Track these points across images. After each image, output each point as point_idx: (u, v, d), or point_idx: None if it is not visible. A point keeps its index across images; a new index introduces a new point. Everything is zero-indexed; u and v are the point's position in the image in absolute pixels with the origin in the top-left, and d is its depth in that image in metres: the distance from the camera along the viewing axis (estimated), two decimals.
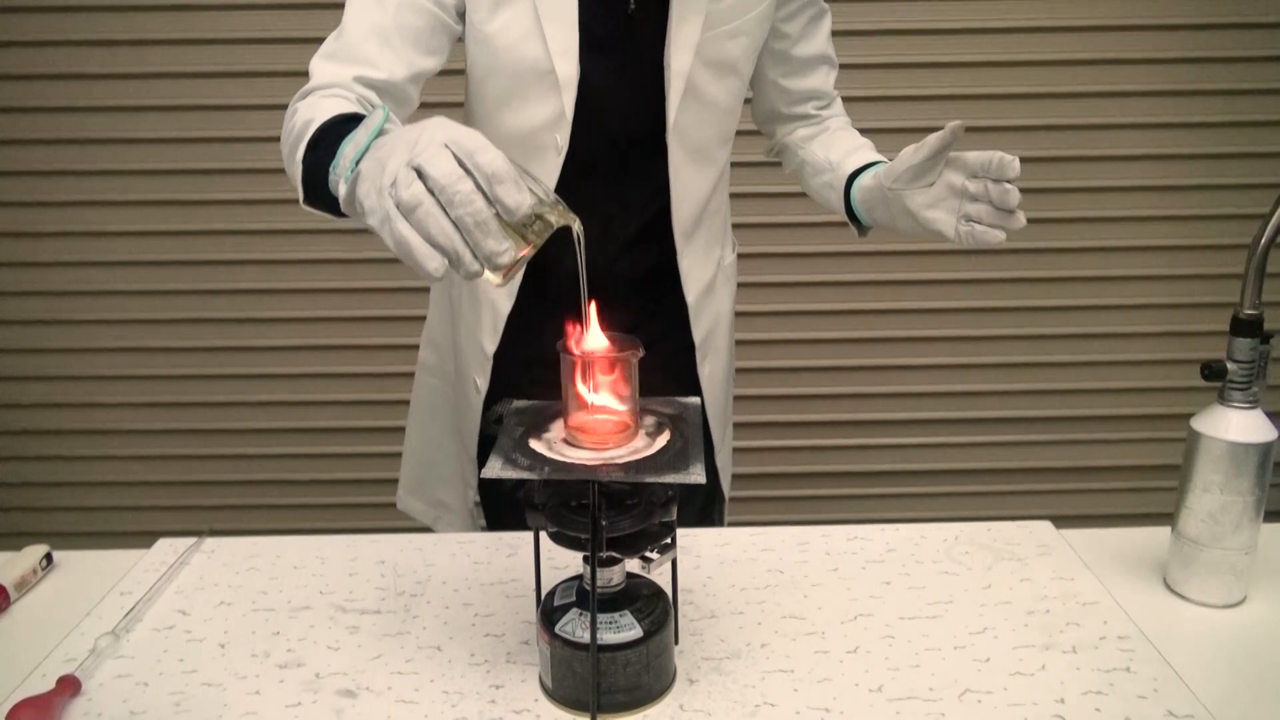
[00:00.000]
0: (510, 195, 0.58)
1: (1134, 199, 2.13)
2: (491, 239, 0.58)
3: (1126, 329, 2.20)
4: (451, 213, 0.58)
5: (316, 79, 0.87)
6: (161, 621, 0.83)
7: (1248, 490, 0.81)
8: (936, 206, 0.87)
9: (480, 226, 0.58)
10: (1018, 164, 0.81)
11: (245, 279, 2.14)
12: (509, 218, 0.59)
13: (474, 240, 0.58)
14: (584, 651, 0.69)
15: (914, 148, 0.87)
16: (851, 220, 1.03)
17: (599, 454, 0.68)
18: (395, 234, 0.58)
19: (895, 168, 0.90)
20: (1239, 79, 2.06)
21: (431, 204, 0.58)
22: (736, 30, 0.98)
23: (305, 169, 0.78)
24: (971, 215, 0.85)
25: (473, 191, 0.57)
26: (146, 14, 1.99)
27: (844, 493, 2.28)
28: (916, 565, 0.91)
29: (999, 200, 0.82)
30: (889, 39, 2.04)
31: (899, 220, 0.93)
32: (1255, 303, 0.80)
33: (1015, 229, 0.84)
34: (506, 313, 1.06)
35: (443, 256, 0.58)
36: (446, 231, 0.58)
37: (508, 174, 0.58)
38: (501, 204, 0.58)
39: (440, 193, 0.57)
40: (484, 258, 0.59)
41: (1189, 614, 0.84)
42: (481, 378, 1.09)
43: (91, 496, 2.26)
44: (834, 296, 2.17)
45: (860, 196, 0.98)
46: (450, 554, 0.94)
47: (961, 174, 0.85)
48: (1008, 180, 0.81)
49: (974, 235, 0.85)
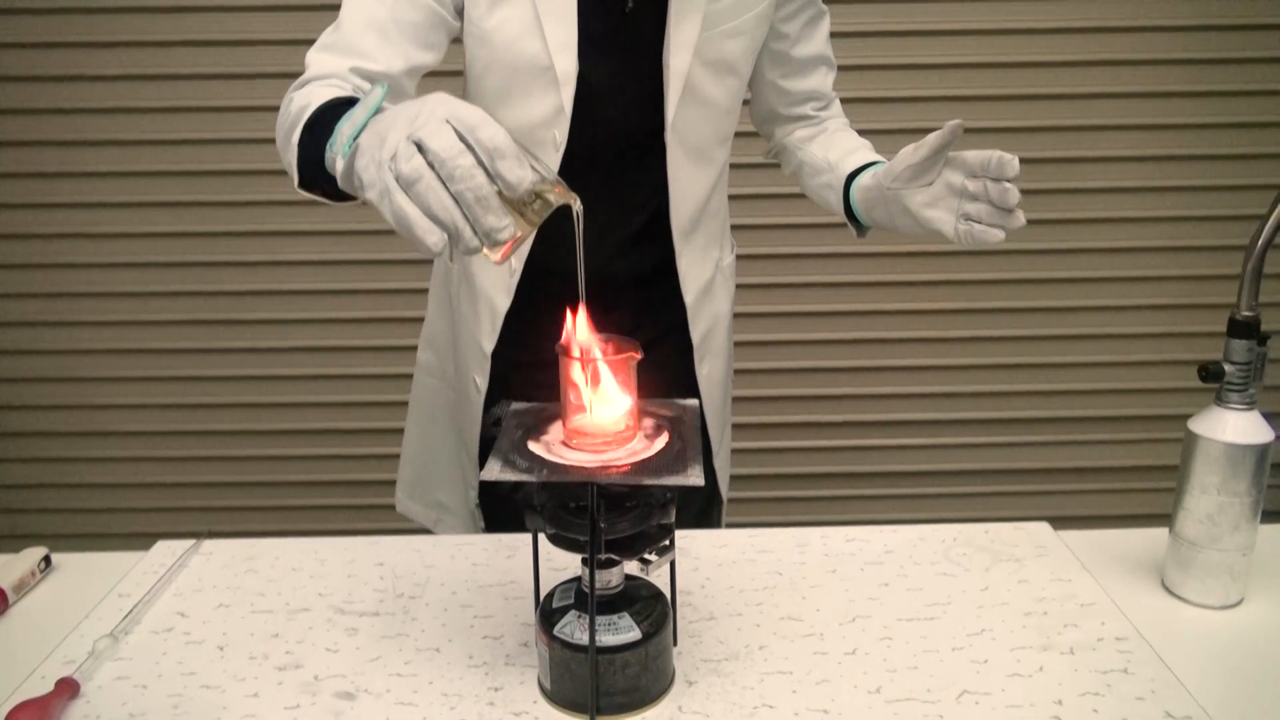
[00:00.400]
0: (512, 171, 0.58)
1: (1131, 200, 2.13)
2: (492, 215, 0.58)
3: (1124, 330, 2.20)
4: (451, 187, 0.57)
5: (313, 70, 0.87)
6: (160, 624, 0.83)
7: (1245, 491, 0.81)
8: (935, 206, 0.87)
9: (481, 202, 0.57)
10: (1017, 163, 0.81)
11: (243, 281, 2.14)
12: (510, 193, 0.59)
13: (474, 216, 0.58)
14: (583, 653, 0.69)
15: (913, 147, 0.87)
16: (850, 220, 1.03)
17: (597, 456, 0.68)
18: (394, 208, 0.58)
19: (894, 167, 0.90)
20: (1237, 81, 2.07)
21: (432, 178, 0.57)
22: (735, 30, 0.98)
23: (301, 151, 0.77)
24: (971, 214, 0.85)
25: (474, 166, 0.57)
26: (142, 15, 1.99)
27: (842, 493, 2.29)
28: (915, 567, 0.91)
29: (998, 199, 0.82)
30: (887, 40, 2.05)
31: (898, 220, 0.93)
32: (1252, 304, 0.81)
33: (1014, 228, 0.84)
34: (505, 310, 1.06)
35: (442, 231, 0.58)
36: (446, 206, 0.57)
37: (509, 149, 0.58)
38: (503, 179, 0.58)
39: (440, 167, 0.57)
40: (483, 233, 0.58)
41: (1186, 615, 0.84)
42: (481, 377, 1.09)
43: (90, 498, 2.26)
44: (831, 298, 2.17)
45: (859, 196, 0.99)
46: (449, 556, 0.94)
47: (961, 173, 0.85)
48: (1007, 179, 0.81)
49: (973, 234, 0.85)
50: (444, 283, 1.15)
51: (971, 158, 0.84)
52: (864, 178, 0.98)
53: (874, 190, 0.95)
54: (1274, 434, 0.81)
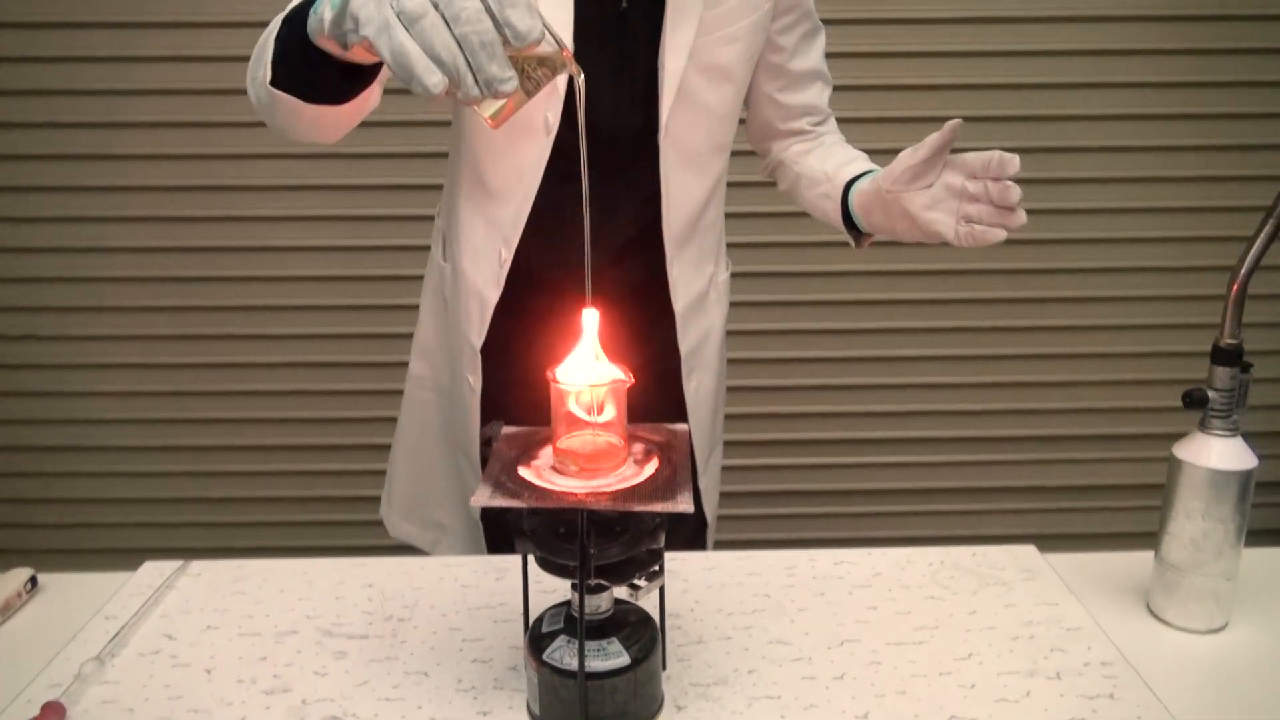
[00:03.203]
0: (521, 19, 0.55)
1: (1118, 220, 2.15)
2: (496, 63, 0.55)
3: (1110, 349, 2.22)
4: (456, 30, 0.55)
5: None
6: (147, 646, 0.83)
7: (1228, 517, 0.82)
8: (935, 208, 0.88)
9: (486, 48, 0.55)
10: (1018, 161, 0.81)
11: (229, 296, 2.13)
12: (518, 43, 0.56)
13: (477, 62, 0.55)
14: (572, 679, 0.69)
15: (912, 149, 0.88)
16: (848, 228, 1.03)
17: (587, 482, 0.68)
18: (394, 43, 0.55)
19: (893, 170, 0.90)
20: (1224, 103, 2.09)
21: (436, 17, 0.55)
22: (731, 36, 0.99)
23: (280, 43, 0.72)
24: (971, 216, 0.85)
25: (480, 10, 0.55)
26: (132, 31, 1.99)
27: (832, 510, 2.29)
28: (903, 590, 0.91)
29: (999, 198, 0.82)
30: (880, 61, 2.06)
31: (898, 223, 0.93)
32: (1235, 332, 0.82)
33: (1015, 227, 0.84)
34: (494, 302, 1.05)
35: (443, 73, 0.55)
36: (449, 46, 0.55)
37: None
38: (511, 28, 0.55)
39: (446, 7, 0.55)
40: (485, 81, 0.56)
41: (1171, 639, 0.84)
42: (474, 376, 1.08)
43: (77, 513, 2.24)
44: (818, 316, 2.17)
45: (858, 201, 0.99)
46: (438, 577, 0.94)
47: (960, 175, 0.85)
48: (1008, 177, 0.82)
49: (974, 235, 0.85)
50: (437, 287, 1.14)
51: (972, 159, 0.84)
52: (862, 183, 0.98)
53: (873, 194, 0.95)
54: (1257, 460, 0.82)
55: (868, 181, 0.97)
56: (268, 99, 0.75)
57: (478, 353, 1.07)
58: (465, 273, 1.07)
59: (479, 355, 1.07)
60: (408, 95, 0.60)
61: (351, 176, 2.06)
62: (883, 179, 0.92)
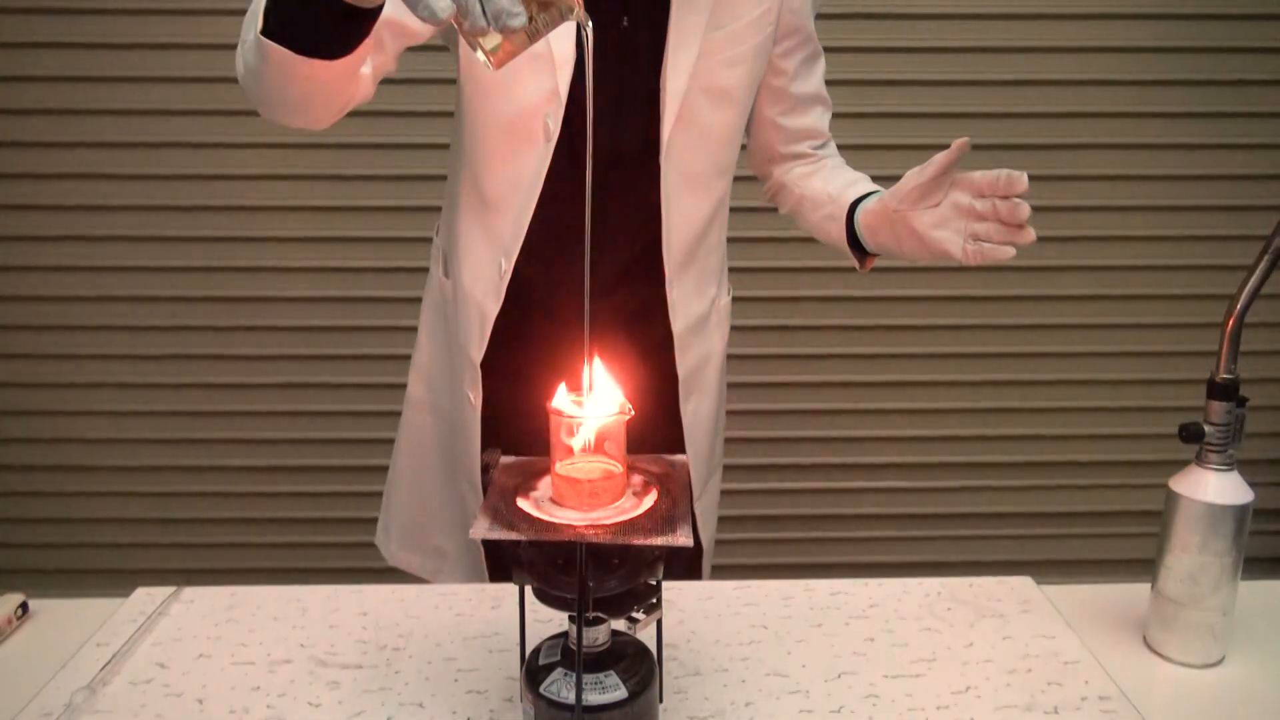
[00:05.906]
0: None
1: (1114, 249, 2.17)
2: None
3: (1107, 376, 2.23)
4: None
5: None
6: (139, 675, 0.82)
7: (1225, 551, 0.82)
8: (943, 227, 0.88)
9: None
10: (1025, 178, 0.81)
11: (224, 316, 2.14)
12: None
13: None
14: (569, 712, 0.68)
15: (919, 168, 0.88)
16: (853, 249, 1.03)
17: (586, 515, 0.68)
18: None
19: (901, 188, 0.90)
20: (1222, 133, 2.11)
21: None
22: (733, 59, 1.00)
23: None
24: (979, 234, 0.85)
25: None
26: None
27: (827, 535, 2.29)
28: (900, 622, 0.91)
29: (1008, 216, 0.83)
30: (880, 88, 2.08)
31: (904, 242, 0.93)
32: (1231, 367, 0.82)
33: (1024, 244, 0.84)
34: (494, 315, 1.04)
35: (451, 1, 0.56)
36: None
37: None
38: None
39: None
40: (493, 14, 0.56)
41: (1168, 673, 0.84)
42: (474, 392, 1.07)
43: (67, 533, 2.23)
44: (815, 341, 2.18)
45: (864, 221, 0.99)
46: (433, 606, 0.93)
47: (968, 193, 0.85)
48: (1016, 195, 0.82)
49: (982, 253, 0.85)
50: (436, 306, 1.14)
51: (979, 177, 0.84)
52: (868, 203, 0.98)
53: (879, 214, 0.95)
54: (1253, 494, 0.82)
55: (874, 201, 0.97)
56: (257, 61, 0.72)
57: (478, 368, 1.06)
58: (465, 286, 1.06)
59: (479, 371, 1.07)
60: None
61: (349, 198, 2.07)
62: (889, 198, 0.92)
